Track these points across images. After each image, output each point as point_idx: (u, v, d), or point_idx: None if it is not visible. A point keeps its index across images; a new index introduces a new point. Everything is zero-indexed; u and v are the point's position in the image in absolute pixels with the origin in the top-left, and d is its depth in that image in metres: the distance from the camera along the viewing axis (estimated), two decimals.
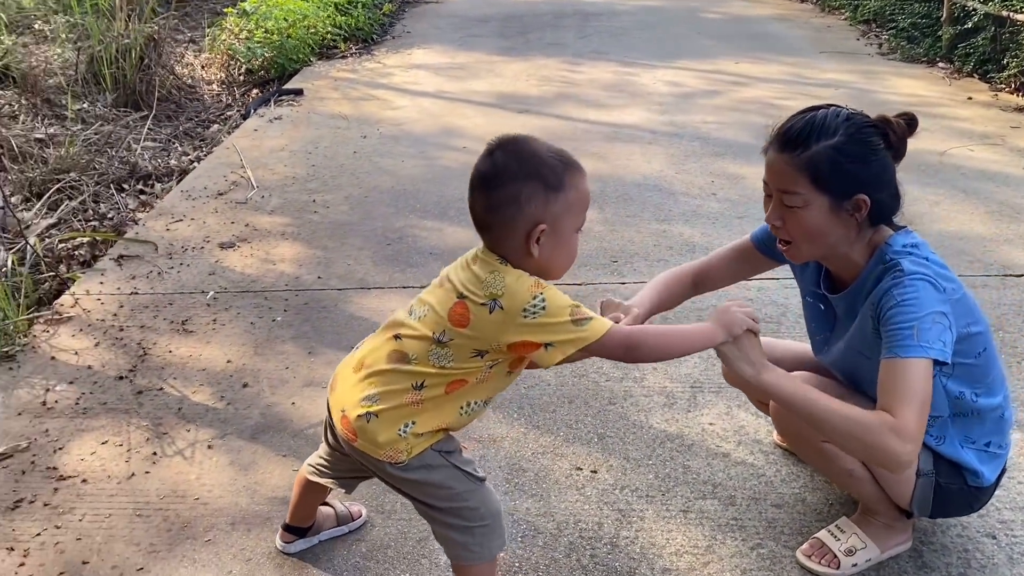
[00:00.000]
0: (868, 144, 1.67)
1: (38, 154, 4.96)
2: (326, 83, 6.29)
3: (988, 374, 1.76)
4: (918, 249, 1.69)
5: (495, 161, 1.51)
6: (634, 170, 4.42)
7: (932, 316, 1.59)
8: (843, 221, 1.68)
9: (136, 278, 3.39)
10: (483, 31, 8.02)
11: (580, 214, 1.55)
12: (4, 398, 2.63)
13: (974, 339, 1.71)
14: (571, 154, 1.57)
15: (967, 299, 1.71)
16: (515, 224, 1.48)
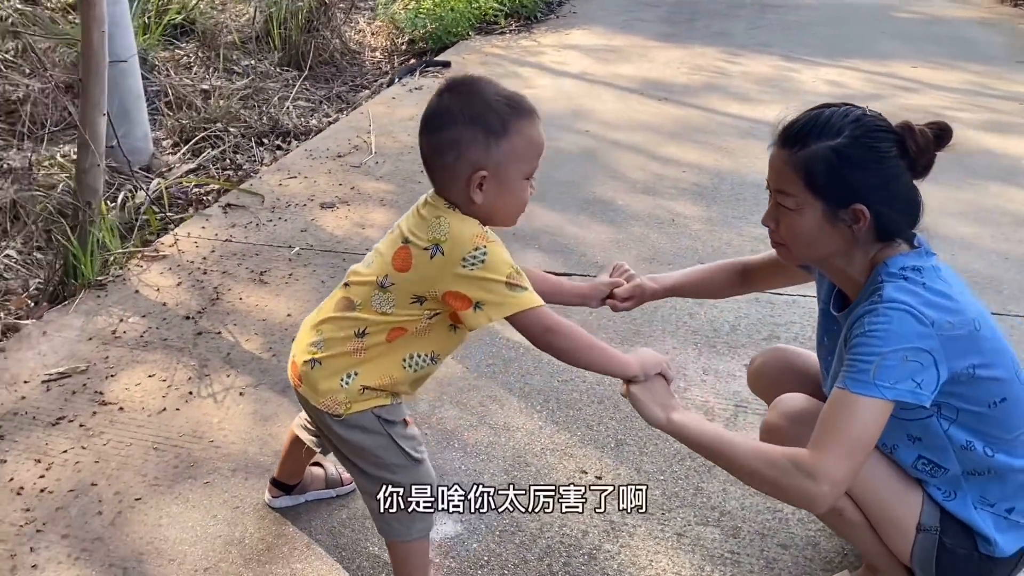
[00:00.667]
0: (875, 150, 1.46)
1: (200, 104, 5.32)
2: (476, 57, 6.33)
3: (1011, 428, 1.50)
4: (919, 274, 1.46)
5: (441, 103, 1.48)
6: (758, 169, 4.13)
7: (902, 352, 1.39)
8: (839, 231, 1.49)
9: (235, 227, 3.55)
10: (650, 15, 7.78)
11: (528, 161, 1.49)
12: (84, 323, 2.84)
13: (986, 385, 1.46)
14: (526, 99, 1.51)
15: (979, 338, 1.44)
16: (456, 169, 1.46)
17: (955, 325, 1.42)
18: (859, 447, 1.40)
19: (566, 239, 3.45)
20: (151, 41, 5.91)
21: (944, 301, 1.43)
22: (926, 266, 1.48)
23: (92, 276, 3.05)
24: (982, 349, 1.45)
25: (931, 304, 1.42)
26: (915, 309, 1.41)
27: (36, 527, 2.00)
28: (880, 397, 1.38)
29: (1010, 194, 3.90)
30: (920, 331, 1.40)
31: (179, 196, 4.18)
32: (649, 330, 2.81)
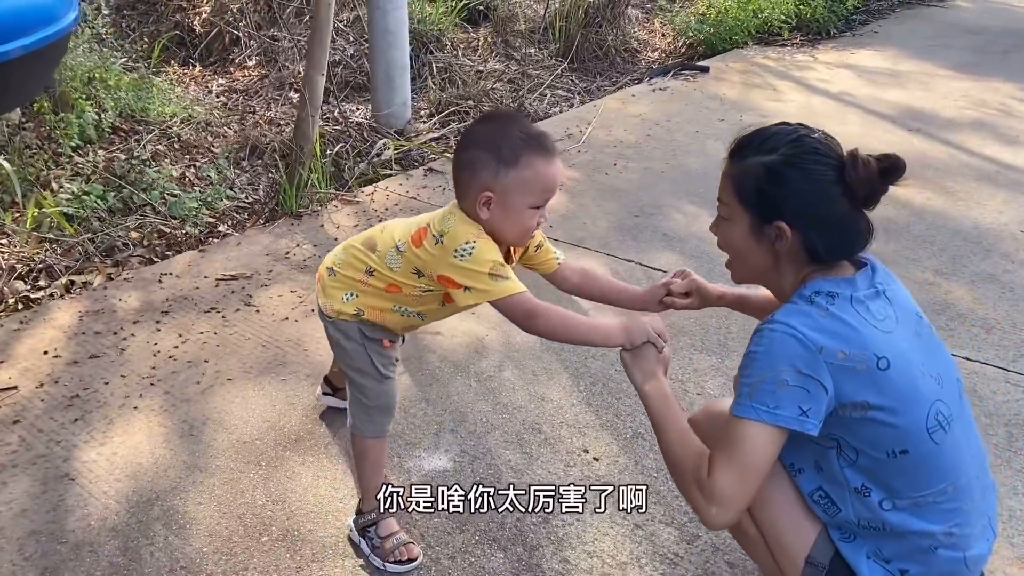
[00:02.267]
0: (806, 171, 1.44)
1: (462, 81, 5.90)
2: (740, 66, 6.26)
3: (918, 487, 1.41)
4: (830, 300, 1.41)
5: (472, 128, 1.74)
6: (971, 215, 3.74)
7: (780, 377, 1.36)
8: (764, 247, 1.50)
9: (426, 188, 4.00)
10: (961, 42, 7.08)
11: (533, 194, 1.65)
12: (270, 241, 3.43)
13: (881, 430, 1.39)
14: (548, 139, 1.68)
15: (882, 379, 1.37)
16: (468, 187, 1.67)
17: (850, 357, 1.36)
18: (749, 472, 1.39)
19: (711, 246, 3.42)
20: (448, 23, 6.60)
21: (843, 330, 1.38)
22: (844, 293, 1.43)
23: (294, 207, 3.65)
24: (883, 390, 1.37)
25: (823, 330, 1.38)
26: (800, 333, 1.37)
27: (151, 381, 2.55)
28: (759, 420, 1.37)
29: None
30: (803, 356, 1.36)
31: (417, 158, 4.74)
32: (737, 343, 2.77)
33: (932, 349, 1.48)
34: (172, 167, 4.12)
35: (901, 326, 1.43)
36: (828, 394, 1.36)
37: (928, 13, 8.38)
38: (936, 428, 1.41)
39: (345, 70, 5.89)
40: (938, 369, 1.45)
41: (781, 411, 1.36)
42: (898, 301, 1.48)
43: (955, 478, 1.42)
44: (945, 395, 1.44)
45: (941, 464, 1.41)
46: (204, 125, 4.82)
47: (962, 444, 1.45)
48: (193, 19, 6.56)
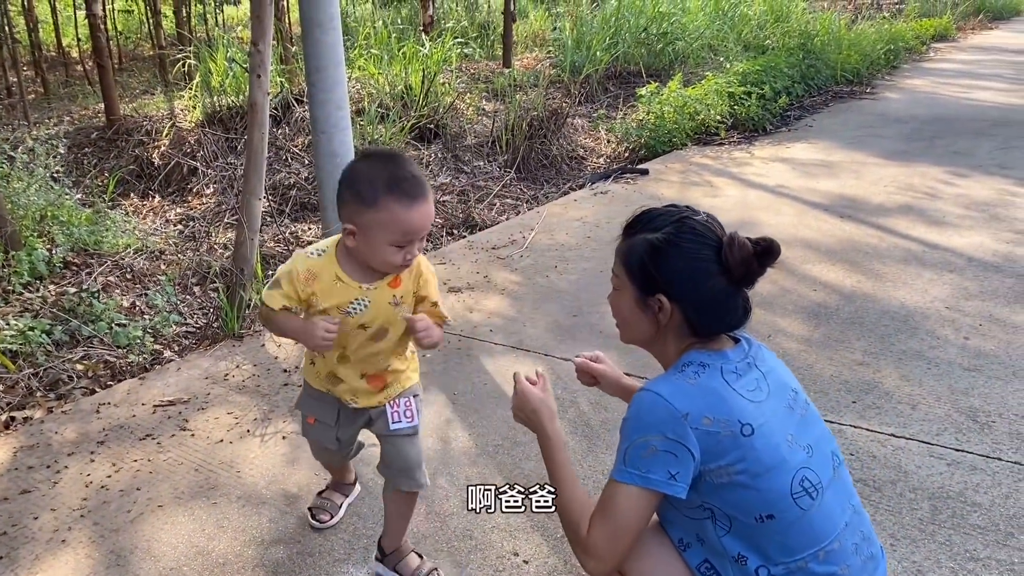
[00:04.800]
0: (684, 251, 1.54)
1: None
2: (679, 166, 6.51)
3: (790, 551, 1.47)
4: (701, 369, 1.51)
5: (352, 164, 1.87)
6: (898, 297, 3.86)
7: (650, 440, 1.45)
8: (648, 318, 1.60)
9: None
10: (890, 132, 7.42)
11: (392, 234, 1.77)
12: (210, 365, 3.46)
13: (746, 495, 1.45)
14: (417, 185, 1.77)
15: (745, 445, 1.44)
16: (341, 215, 1.82)
17: (714, 422, 1.44)
18: (622, 532, 1.47)
19: None
20: (399, 141, 6.83)
21: (709, 397, 1.46)
22: (715, 364, 1.52)
23: (235, 329, 3.70)
24: (745, 455, 1.44)
25: (689, 396, 1.46)
26: (666, 397, 1.46)
27: (82, 513, 2.53)
28: (633, 483, 1.46)
29: None
30: (669, 422, 1.44)
31: None
32: None
33: (805, 422, 1.56)
34: (122, 297, 4.18)
35: (772, 398, 1.52)
36: (695, 459, 1.44)
37: (859, 105, 8.80)
38: (801, 494, 1.47)
39: (300, 192, 6.06)
40: (808, 441, 1.52)
41: (652, 475, 1.45)
42: (772, 376, 1.56)
43: (825, 543, 1.47)
44: (815, 464, 1.50)
45: (810, 529, 1.47)
46: (158, 254, 4.92)
47: (835, 512, 1.50)
48: (152, 152, 6.77)
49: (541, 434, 1.67)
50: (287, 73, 7.60)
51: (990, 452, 2.65)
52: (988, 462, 2.60)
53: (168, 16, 11.25)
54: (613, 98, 9.22)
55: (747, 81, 7.96)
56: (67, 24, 13.24)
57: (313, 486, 2.61)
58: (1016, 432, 2.74)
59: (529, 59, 11.41)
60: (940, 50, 13.42)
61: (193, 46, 7.91)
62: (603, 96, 9.19)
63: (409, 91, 7.50)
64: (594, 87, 9.15)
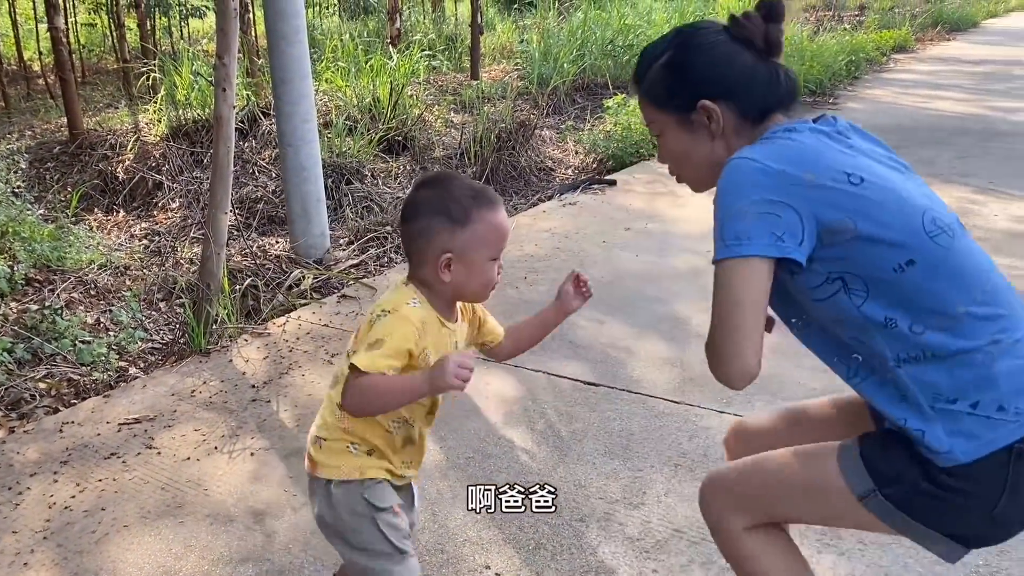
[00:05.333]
0: (698, 47, 1.52)
1: (380, 209, 6.06)
2: (646, 176, 6.56)
3: (947, 302, 1.35)
4: (790, 133, 1.42)
5: (415, 196, 1.66)
6: None
7: (745, 206, 1.35)
8: (702, 136, 1.52)
9: (339, 314, 4.05)
10: None
11: (490, 246, 1.62)
12: (176, 381, 3.42)
13: (878, 247, 1.35)
14: (489, 191, 1.66)
15: (856, 194, 1.35)
16: (426, 254, 1.62)
17: (817, 176, 1.35)
18: (745, 313, 1.34)
19: (617, 352, 3.52)
20: (367, 154, 6.82)
21: (805, 153, 1.38)
22: (802, 127, 1.45)
23: (202, 345, 3.66)
24: (862, 204, 1.35)
25: (783, 154, 1.38)
26: (757, 161, 1.37)
27: (45, 535, 2.49)
28: (739, 256, 1.34)
29: None
30: (766, 182, 1.35)
31: (336, 286, 4.81)
32: (639, 446, 2.81)
33: (913, 177, 1.47)
34: (86, 314, 4.12)
35: (869, 157, 1.43)
36: (801, 218, 1.34)
37: None
38: (937, 232, 1.37)
39: (267, 205, 6.01)
40: (924, 191, 1.44)
41: (758, 240, 1.34)
42: (867, 142, 1.50)
43: (980, 284, 1.38)
44: (938, 209, 1.41)
45: (958, 270, 1.37)
46: (123, 269, 4.86)
47: (976, 251, 1.41)
48: (116, 167, 6.69)
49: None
50: (254, 86, 7.56)
51: None
52: None
53: (132, 29, 11.14)
54: (581, 109, 9.28)
55: None
56: (28, 37, 13.06)
57: (282, 502, 2.58)
58: None
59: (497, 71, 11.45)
60: (900, 61, 13.68)
61: (158, 59, 7.84)
62: (571, 108, 9.25)
63: (377, 103, 7.50)
64: (561, 99, 9.20)
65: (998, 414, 1.34)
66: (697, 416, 3.00)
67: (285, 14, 4.57)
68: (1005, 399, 1.35)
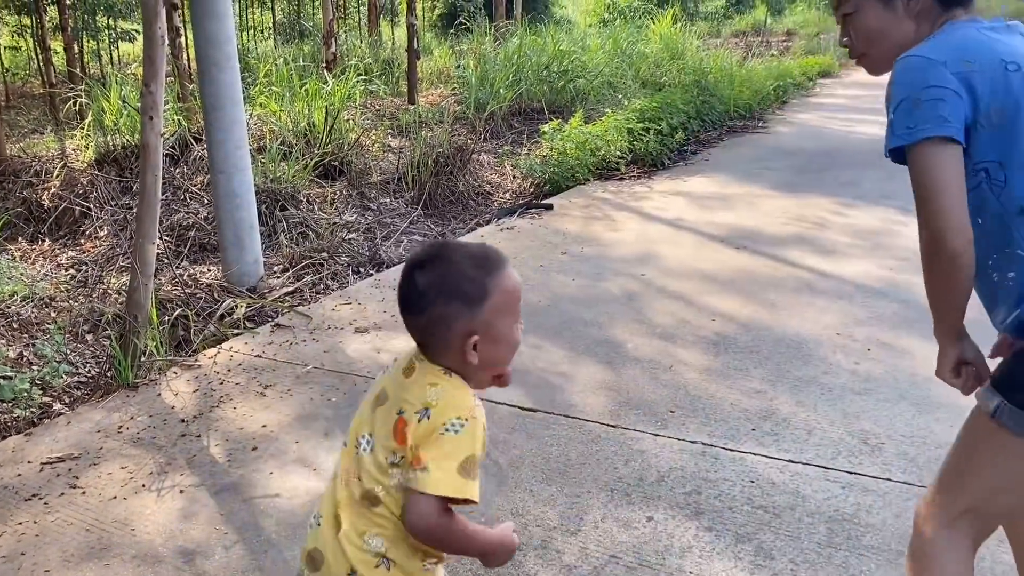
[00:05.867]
0: None
1: (316, 234, 5.99)
2: (582, 201, 6.63)
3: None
4: (954, 28, 1.59)
5: (416, 285, 1.45)
6: (791, 325, 4.01)
7: (912, 97, 1.51)
8: (899, 14, 1.66)
9: (272, 344, 3.98)
10: (782, 164, 7.75)
11: (513, 311, 1.48)
12: (102, 417, 3.32)
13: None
14: (492, 252, 1.49)
15: (1009, 80, 1.51)
16: (448, 341, 1.44)
17: (974, 63, 1.51)
18: (936, 191, 1.47)
19: (554, 377, 3.53)
20: (302, 179, 6.74)
21: (966, 43, 1.54)
22: (968, 24, 1.60)
23: (129, 379, 3.55)
24: (1012, 89, 1.51)
25: (945, 47, 1.54)
26: (922, 54, 1.54)
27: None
28: (911, 141, 1.49)
29: None
30: (930, 71, 1.51)
31: (270, 314, 4.73)
32: (576, 472, 2.82)
33: None
34: (8, 348, 3.97)
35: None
36: (963, 100, 1.49)
37: (752, 140, 9.17)
38: None
39: (199, 232, 5.89)
40: None
41: (924, 124, 1.48)
42: None
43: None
44: None
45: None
46: (48, 301, 4.70)
47: None
48: (41, 194, 6.49)
49: None
50: (185, 111, 7.43)
51: (880, 474, 2.76)
52: (879, 483, 2.71)
53: (59, 52, 10.87)
54: (518, 134, 9.36)
55: (645, 117, 8.20)
56: None
57: (213, 541, 2.52)
58: (904, 453, 2.87)
59: (434, 95, 11.48)
60: (825, 86, 14.14)
61: (85, 84, 7.66)
62: (508, 132, 9.31)
63: (312, 128, 7.44)
64: (499, 123, 9.26)
65: None
66: (633, 440, 3.02)
67: (216, 40, 4.51)
68: None
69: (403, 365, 1.49)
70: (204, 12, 4.48)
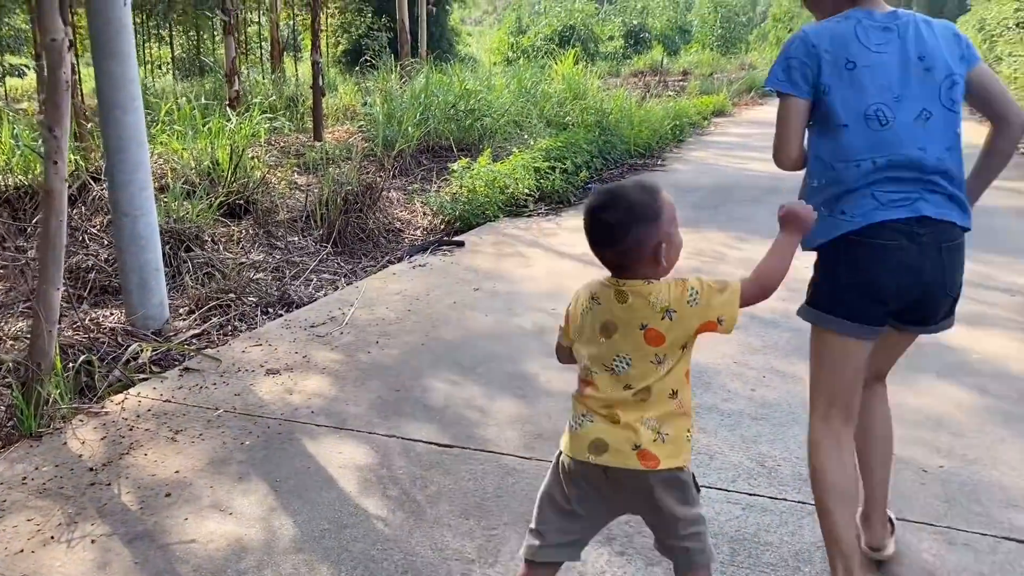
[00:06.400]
0: None
1: (222, 275, 5.92)
2: (492, 237, 6.77)
3: (847, 155, 2.19)
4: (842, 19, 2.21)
5: (608, 223, 1.89)
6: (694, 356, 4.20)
7: (783, 56, 2.23)
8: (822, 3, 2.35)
9: (182, 388, 3.93)
10: (680, 201, 7.96)
11: (676, 219, 1.95)
12: (4, 469, 3.21)
13: (831, 109, 2.19)
14: (645, 180, 1.99)
15: (847, 75, 2.16)
16: (643, 256, 1.89)
17: (829, 52, 2.16)
18: (779, 124, 2.28)
19: (470, 412, 3.61)
20: (207, 219, 6.65)
21: (836, 37, 2.17)
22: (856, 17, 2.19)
23: (33, 428, 3.45)
24: (839, 80, 2.16)
25: (822, 35, 2.19)
26: (805, 30, 2.23)
27: None
28: (774, 87, 2.25)
29: (939, 390, 3.81)
30: (802, 48, 2.20)
31: (177, 358, 4.65)
32: (493, 504, 2.90)
33: (911, 81, 2.14)
34: None
35: (891, 56, 2.15)
36: (813, 72, 2.17)
37: (651, 177, 9.54)
38: (872, 119, 2.14)
39: (100, 275, 5.75)
40: (903, 93, 2.13)
41: (782, 79, 2.21)
42: (909, 42, 2.16)
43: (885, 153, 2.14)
44: (890, 104, 2.13)
45: (873, 141, 2.14)
46: None
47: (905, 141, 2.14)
48: None
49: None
50: (83, 150, 7.26)
51: (777, 494, 2.94)
52: (776, 503, 2.89)
53: None
54: (427, 171, 9.48)
55: (551, 156, 8.44)
56: None
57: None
58: (798, 474, 3.07)
59: (340, 132, 11.50)
60: (719, 124, 14.81)
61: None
62: (417, 169, 9.42)
63: (217, 166, 7.37)
64: (407, 161, 9.36)
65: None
66: (547, 470, 3.11)
67: (120, 81, 4.47)
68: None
69: (608, 296, 1.93)
70: (106, 53, 4.43)
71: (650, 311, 1.87)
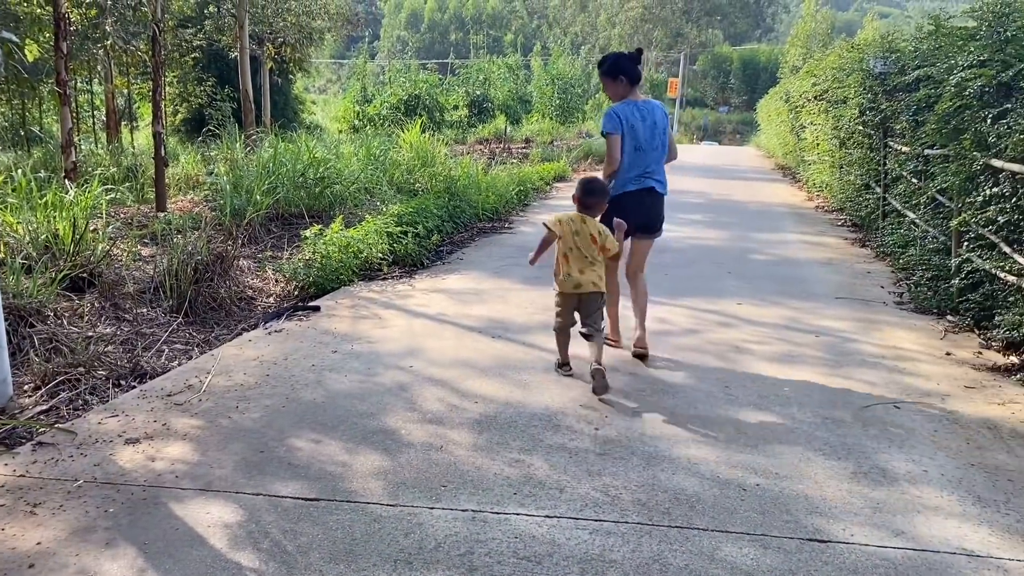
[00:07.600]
0: (628, 59, 5.45)
1: (70, 349, 5.77)
2: (348, 301, 6.94)
3: (628, 164, 5.29)
4: (626, 105, 5.25)
5: (597, 187, 4.96)
6: (542, 401, 4.56)
7: (609, 116, 5.21)
8: (618, 88, 5.32)
9: (36, 463, 3.87)
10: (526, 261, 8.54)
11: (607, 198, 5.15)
12: None
13: (624, 142, 5.26)
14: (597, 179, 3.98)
15: (626, 129, 5.22)
16: (599, 209, 5.00)
17: (623, 117, 5.19)
18: (609, 151, 5.24)
19: (334, 467, 3.77)
20: (48, 293, 6.46)
21: (623, 112, 5.19)
22: (631, 103, 5.26)
23: None
24: (626, 131, 5.21)
25: (620, 110, 5.20)
26: (615, 110, 5.22)
27: None
28: (605, 132, 5.24)
29: (756, 418, 4.32)
30: (613, 116, 5.19)
31: (24, 435, 4.52)
32: (362, 548, 3.08)
33: (651, 134, 5.23)
34: None
35: (643, 123, 5.20)
36: (621, 125, 5.16)
37: (500, 239, 10.01)
38: (631, 151, 5.21)
39: None
40: (648, 138, 5.21)
41: (610, 127, 5.18)
42: (649, 114, 5.23)
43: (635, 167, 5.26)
44: (643, 144, 5.22)
45: (639, 162, 5.23)
46: None
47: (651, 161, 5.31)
48: None
49: None
50: None
51: (620, 518, 3.29)
52: (619, 526, 3.23)
53: None
54: (277, 239, 9.53)
55: (403, 221, 8.74)
56: None
57: None
58: (636, 499, 3.43)
59: (185, 202, 11.36)
60: (561, 188, 15.63)
61: None
62: (267, 237, 9.45)
63: (56, 240, 7.19)
64: (257, 229, 9.38)
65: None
66: (411, 515, 3.33)
67: None
68: None
69: (578, 219, 4.89)
70: None
71: (593, 229, 4.78)
